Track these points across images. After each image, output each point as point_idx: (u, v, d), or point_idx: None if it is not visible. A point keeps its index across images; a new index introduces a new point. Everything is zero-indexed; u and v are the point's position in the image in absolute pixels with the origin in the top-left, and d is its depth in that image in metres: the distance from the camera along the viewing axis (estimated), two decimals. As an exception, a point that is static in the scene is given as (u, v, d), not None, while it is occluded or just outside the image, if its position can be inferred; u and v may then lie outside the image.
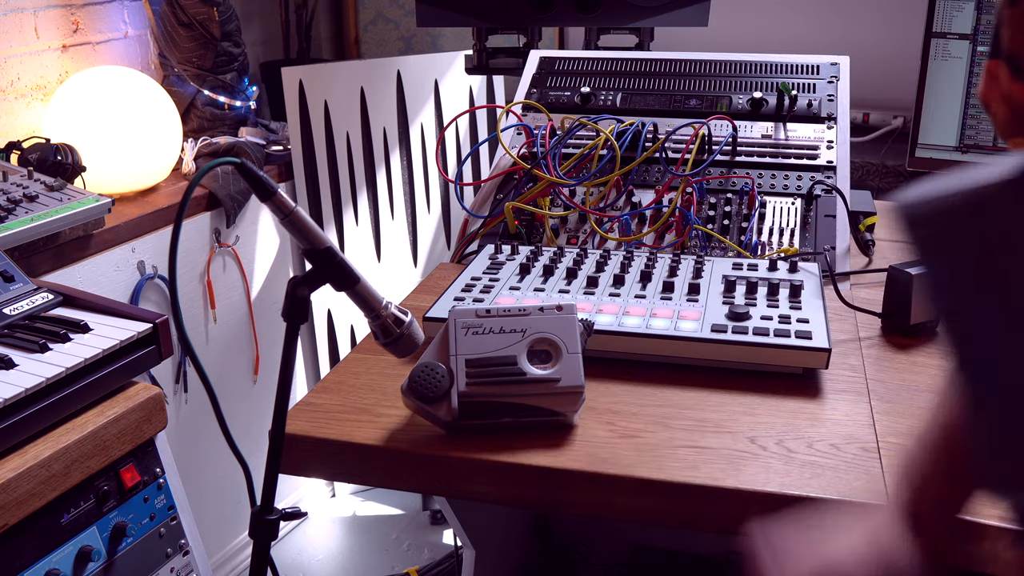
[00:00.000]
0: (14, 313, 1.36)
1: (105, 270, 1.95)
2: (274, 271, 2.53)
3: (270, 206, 0.96)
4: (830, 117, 1.68)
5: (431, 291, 1.42)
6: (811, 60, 1.79)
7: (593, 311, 1.20)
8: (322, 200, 2.61)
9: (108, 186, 2.08)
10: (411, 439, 1.02)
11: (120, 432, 1.31)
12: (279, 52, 3.09)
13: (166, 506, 1.39)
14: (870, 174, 2.46)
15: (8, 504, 1.13)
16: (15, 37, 2.13)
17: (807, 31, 2.78)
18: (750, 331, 1.13)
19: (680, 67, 1.83)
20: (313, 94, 2.55)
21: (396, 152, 2.76)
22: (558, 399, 1.00)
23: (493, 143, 2.01)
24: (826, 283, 1.34)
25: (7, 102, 2.13)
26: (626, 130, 1.64)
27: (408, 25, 3.22)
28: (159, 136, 2.15)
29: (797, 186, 1.59)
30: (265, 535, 0.99)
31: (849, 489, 0.92)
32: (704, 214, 1.55)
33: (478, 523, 1.43)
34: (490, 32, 2.43)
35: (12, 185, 1.73)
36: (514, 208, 1.58)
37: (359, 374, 1.17)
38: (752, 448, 0.99)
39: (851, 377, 1.15)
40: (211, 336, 2.33)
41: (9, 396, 1.16)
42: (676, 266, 1.34)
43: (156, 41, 2.43)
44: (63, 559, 1.23)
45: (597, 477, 0.95)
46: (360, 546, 2.68)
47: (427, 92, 2.79)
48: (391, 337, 1.02)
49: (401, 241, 2.80)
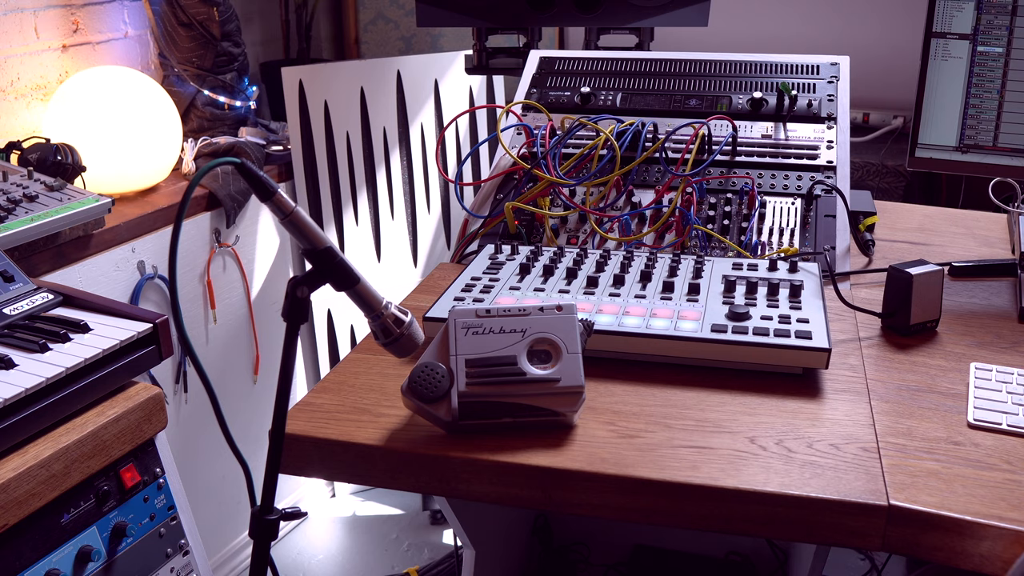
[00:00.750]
0: (14, 313, 1.36)
1: (105, 270, 1.95)
2: (274, 271, 2.53)
3: (270, 206, 0.96)
4: (830, 117, 1.68)
5: (431, 291, 1.42)
6: (811, 60, 1.79)
7: (593, 311, 1.20)
8: (322, 200, 2.61)
9: (108, 186, 2.08)
10: (411, 439, 1.02)
11: (120, 432, 1.31)
12: (279, 52, 3.09)
13: (166, 506, 1.39)
14: (870, 174, 2.46)
15: (8, 504, 1.13)
16: (15, 37, 2.13)
17: (807, 31, 2.78)
18: (750, 331, 1.13)
19: (680, 67, 1.83)
20: (313, 94, 2.55)
21: (396, 152, 2.76)
22: (558, 399, 1.00)
23: (493, 143, 2.01)
24: (826, 283, 1.34)
25: (7, 102, 2.13)
26: (626, 130, 1.64)
27: (408, 25, 3.22)
28: (159, 136, 2.15)
29: (797, 186, 1.59)
30: (265, 535, 0.99)
31: (849, 489, 0.92)
32: (704, 214, 1.55)
33: (478, 523, 1.43)
34: (490, 32, 2.43)
35: (12, 185, 1.73)
36: (514, 208, 1.58)
37: (359, 374, 1.17)
38: (752, 448, 0.99)
39: (851, 377, 1.15)
40: (211, 336, 2.33)
41: (9, 396, 1.16)
42: (676, 266, 1.34)
43: (156, 41, 2.43)
44: (63, 559, 1.23)
45: (597, 477, 0.95)
46: (360, 546, 2.68)
47: (427, 92, 2.79)
48: (391, 337, 1.02)
49: (401, 241, 2.80)
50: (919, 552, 0.91)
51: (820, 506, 0.91)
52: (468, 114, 2.86)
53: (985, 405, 1.07)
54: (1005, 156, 1.53)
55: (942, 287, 1.28)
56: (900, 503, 0.90)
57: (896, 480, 0.94)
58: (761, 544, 1.76)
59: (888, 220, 1.79)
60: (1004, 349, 1.24)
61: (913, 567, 1.86)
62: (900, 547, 0.91)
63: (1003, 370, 1.14)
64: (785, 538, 0.95)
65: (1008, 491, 0.92)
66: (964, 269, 1.52)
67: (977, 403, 1.08)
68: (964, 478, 0.95)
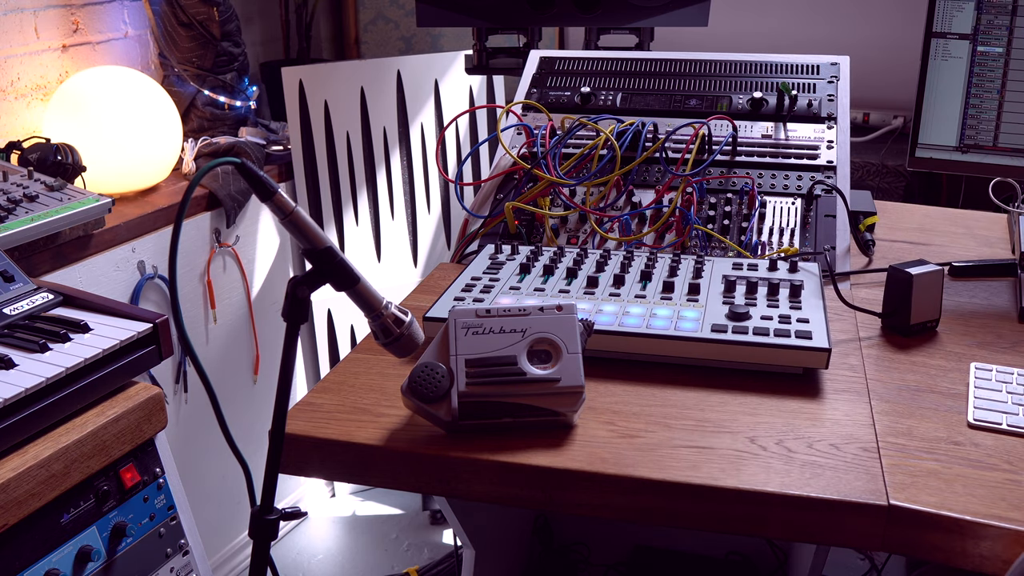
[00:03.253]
0: (14, 313, 1.36)
1: (105, 270, 1.95)
2: (274, 271, 2.53)
3: (270, 206, 0.96)
4: (830, 117, 1.68)
5: (431, 291, 1.42)
6: (811, 60, 1.79)
7: (593, 311, 1.20)
8: (322, 200, 2.61)
9: (108, 186, 2.08)
10: (411, 439, 1.02)
11: (120, 432, 1.30)
12: (279, 52, 3.09)
13: (166, 506, 1.39)
14: (870, 174, 2.46)
15: (8, 504, 1.13)
16: (15, 37, 2.13)
17: (807, 31, 2.78)
18: (750, 331, 1.13)
19: (680, 67, 1.83)
20: (313, 94, 2.55)
21: (396, 152, 2.76)
22: (558, 399, 1.00)
23: (493, 143, 2.01)
24: (826, 283, 1.34)
25: (7, 102, 2.13)
26: (626, 130, 1.64)
27: (408, 25, 3.22)
28: (159, 136, 2.15)
29: (797, 186, 1.59)
30: (265, 535, 0.99)
31: (849, 489, 0.92)
32: (704, 214, 1.55)
33: (478, 523, 1.43)
34: (490, 32, 2.43)
35: (12, 185, 1.73)
36: (514, 208, 1.58)
37: (359, 374, 1.17)
38: (752, 448, 0.99)
39: (851, 377, 1.15)
40: (211, 336, 2.33)
41: (9, 396, 1.16)
42: (676, 266, 1.34)
43: (156, 41, 2.43)
44: (63, 559, 1.23)
45: (597, 477, 0.95)
46: (360, 546, 2.68)
47: (427, 92, 2.78)
48: (391, 337, 1.02)
49: (401, 241, 2.80)
50: (919, 552, 0.91)
51: (820, 506, 0.91)
52: (468, 114, 2.86)
53: (985, 405, 1.07)
54: (1005, 156, 1.53)
55: (942, 287, 1.28)
56: (900, 503, 0.90)
57: (896, 480, 0.94)
58: (761, 544, 1.76)
59: (888, 220, 1.79)
60: (1004, 349, 1.24)
61: (913, 567, 1.86)
62: (900, 547, 0.91)
63: (1003, 370, 1.14)
64: (785, 538, 0.95)
65: (1008, 491, 0.92)
66: (964, 269, 1.52)
67: (977, 403, 1.08)
68: (964, 478, 0.95)
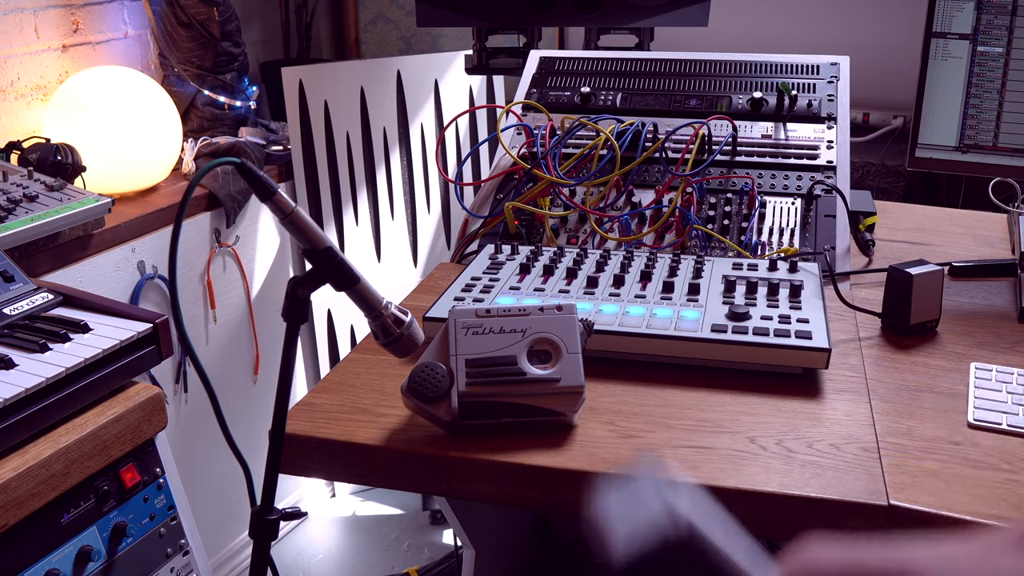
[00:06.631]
0: (14, 313, 1.36)
1: (105, 270, 1.95)
2: (274, 271, 2.53)
3: (270, 206, 0.96)
4: (830, 117, 1.68)
5: (431, 291, 1.42)
6: (811, 60, 1.79)
7: (593, 311, 1.20)
8: (322, 200, 2.61)
9: (108, 186, 2.08)
10: (411, 439, 1.02)
11: (120, 432, 1.30)
12: (279, 52, 3.09)
13: (166, 506, 1.39)
14: (870, 174, 2.46)
15: (8, 504, 1.13)
16: (15, 37, 2.13)
17: (807, 31, 2.78)
18: (750, 331, 1.13)
19: (680, 67, 1.83)
20: (313, 94, 2.55)
21: (396, 152, 2.76)
22: (558, 399, 1.00)
23: (493, 143, 2.01)
24: (826, 283, 1.34)
25: (7, 102, 2.13)
26: (626, 130, 1.64)
27: (408, 25, 3.22)
28: (159, 136, 2.15)
29: (797, 186, 1.59)
30: (265, 535, 0.99)
31: (849, 489, 0.92)
32: (704, 214, 1.55)
33: (478, 523, 1.43)
34: (490, 32, 2.43)
35: (12, 185, 1.73)
36: (514, 208, 1.58)
37: (359, 374, 1.17)
38: (752, 448, 0.99)
39: (851, 377, 1.15)
40: (211, 336, 2.33)
41: (9, 396, 1.16)
42: (676, 266, 1.34)
43: (156, 41, 2.43)
44: (63, 559, 1.23)
45: (597, 477, 0.95)
46: (360, 546, 2.68)
47: (427, 92, 2.79)
48: (391, 337, 1.02)
49: (401, 241, 2.80)
50: (919, 552, 0.91)
51: (820, 506, 0.91)
52: (468, 114, 2.86)
53: (985, 405, 1.07)
54: (1005, 156, 1.53)
55: (942, 287, 1.28)
56: (900, 503, 0.90)
57: (896, 480, 0.94)
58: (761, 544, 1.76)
59: (888, 220, 1.79)
60: (1004, 349, 1.24)
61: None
62: (900, 547, 0.91)
63: (1003, 370, 1.14)
64: (785, 538, 0.95)
65: (1008, 491, 0.92)
66: (964, 269, 1.52)
67: (977, 403, 1.08)
68: (964, 478, 0.95)
